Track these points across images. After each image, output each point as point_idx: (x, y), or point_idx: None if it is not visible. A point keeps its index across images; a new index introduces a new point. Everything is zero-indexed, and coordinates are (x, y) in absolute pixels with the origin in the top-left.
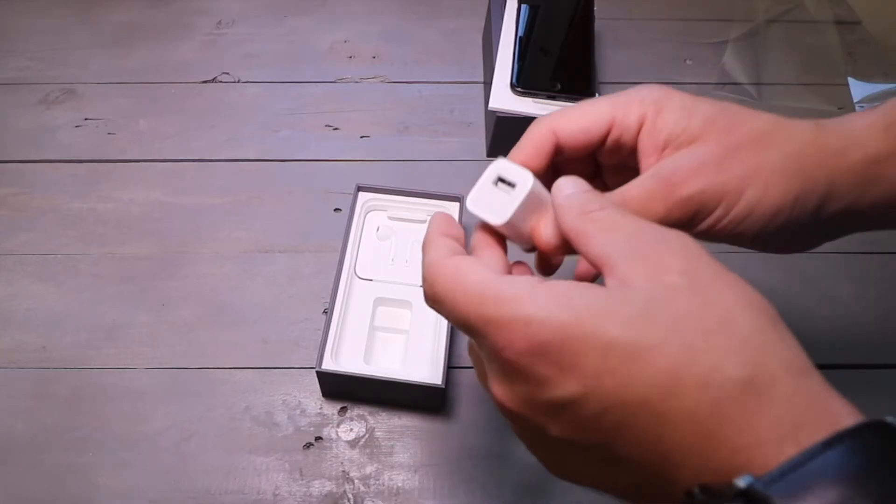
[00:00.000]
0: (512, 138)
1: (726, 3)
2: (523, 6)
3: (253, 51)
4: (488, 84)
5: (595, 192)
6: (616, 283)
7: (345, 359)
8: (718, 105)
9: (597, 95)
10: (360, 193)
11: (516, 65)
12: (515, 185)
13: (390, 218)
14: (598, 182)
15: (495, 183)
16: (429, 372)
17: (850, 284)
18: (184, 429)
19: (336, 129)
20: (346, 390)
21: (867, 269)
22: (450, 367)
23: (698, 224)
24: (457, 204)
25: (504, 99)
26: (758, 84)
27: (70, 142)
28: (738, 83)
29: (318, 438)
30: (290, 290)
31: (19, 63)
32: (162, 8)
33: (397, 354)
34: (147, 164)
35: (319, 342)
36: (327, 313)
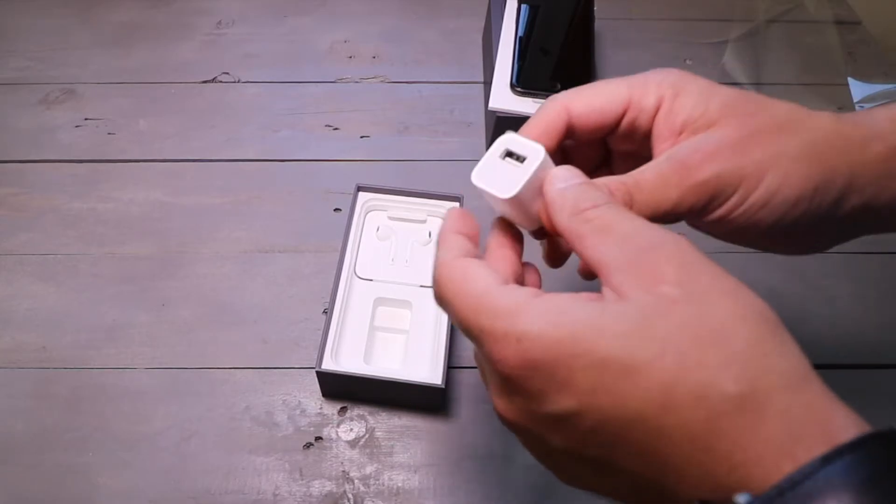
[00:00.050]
0: None
1: (726, 3)
2: (523, 6)
3: (253, 51)
4: (488, 84)
5: (589, 183)
6: (611, 293)
7: (345, 359)
8: (737, 91)
9: None
10: (360, 193)
11: (516, 65)
12: (525, 159)
13: (390, 218)
14: (606, 171)
15: (503, 157)
16: (429, 372)
17: (850, 284)
18: (184, 429)
19: (336, 129)
20: (346, 390)
21: (867, 269)
22: (450, 367)
23: (714, 210)
24: (457, 204)
25: (504, 99)
26: (758, 84)
27: (70, 142)
28: (738, 83)
29: (318, 438)
30: (290, 290)
31: (19, 63)
32: (162, 8)
33: (397, 354)
34: (147, 164)
35: (319, 342)
36: (327, 313)
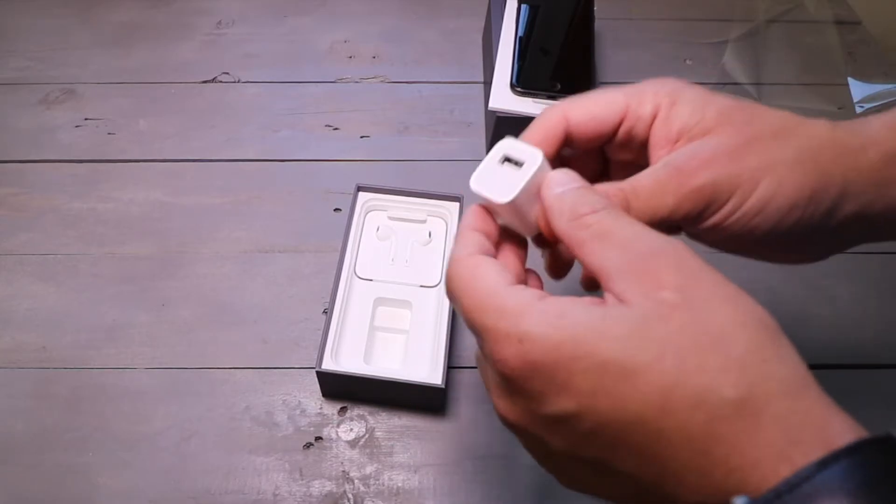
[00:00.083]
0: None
1: (726, 3)
2: (523, 6)
3: (253, 51)
4: (488, 84)
5: (587, 187)
6: (612, 298)
7: (345, 359)
8: (733, 100)
9: None
10: (360, 193)
11: (516, 65)
12: (524, 164)
13: (390, 218)
14: (605, 181)
15: (501, 162)
16: (429, 372)
17: (850, 284)
18: (184, 429)
19: (336, 129)
20: (346, 390)
21: (867, 269)
22: (450, 367)
23: (709, 217)
24: (457, 204)
25: (504, 99)
26: (758, 84)
27: (70, 142)
28: (738, 83)
29: (318, 438)
30: (290, 290)
31: (19, 63)
32: (162, 8)
33: (397, 354)
34: (147, 164)
35: (319, 342)
36: (327, 313)
